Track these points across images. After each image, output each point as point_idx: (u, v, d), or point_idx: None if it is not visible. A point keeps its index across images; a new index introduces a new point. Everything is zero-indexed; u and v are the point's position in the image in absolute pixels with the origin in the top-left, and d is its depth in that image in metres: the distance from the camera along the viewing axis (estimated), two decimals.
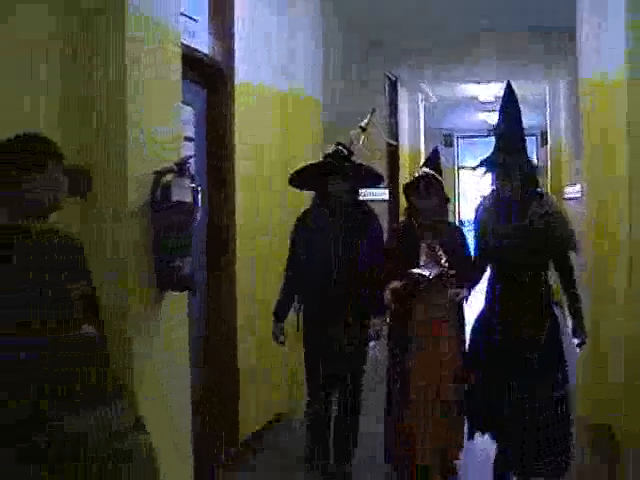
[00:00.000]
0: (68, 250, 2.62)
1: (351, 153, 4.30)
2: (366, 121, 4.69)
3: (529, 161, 3.90)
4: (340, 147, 4.29)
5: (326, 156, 4.37)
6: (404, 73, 10.97)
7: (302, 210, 4.57)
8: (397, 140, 11.34)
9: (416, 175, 4.28)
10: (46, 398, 2.35)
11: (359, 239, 4.22)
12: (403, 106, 11.74)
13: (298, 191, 4.75)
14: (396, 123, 11.29)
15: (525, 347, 3.78)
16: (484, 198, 4.09)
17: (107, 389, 2.51)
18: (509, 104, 3.89)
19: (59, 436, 2.32)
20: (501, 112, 3.93)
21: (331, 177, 4.24)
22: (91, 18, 3.14)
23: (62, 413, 2.36)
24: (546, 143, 13.60)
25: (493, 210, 3.91)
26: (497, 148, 3.87)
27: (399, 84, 11.24)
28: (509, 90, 3.92)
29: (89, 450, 2.36)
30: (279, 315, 4.43)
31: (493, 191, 3.95)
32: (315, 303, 4.33)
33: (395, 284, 4.04)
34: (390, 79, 10.65)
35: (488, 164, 3.93)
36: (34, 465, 2.28)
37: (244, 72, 4.89)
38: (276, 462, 4.81)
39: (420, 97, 12.95)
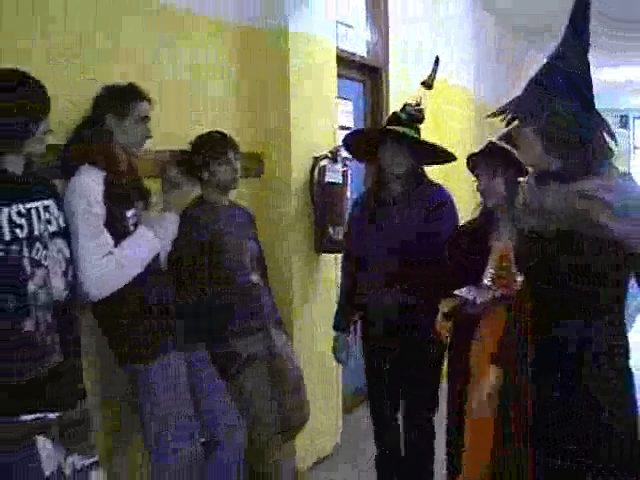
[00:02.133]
0: (244, 217, 3.46)
1: (416, 116, 3.45)
2: (430, 75, 3.65)
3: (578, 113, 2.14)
4: (399, 111, 3.47)
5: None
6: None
7: None
8: None
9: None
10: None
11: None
12: None
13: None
14: None
15: None
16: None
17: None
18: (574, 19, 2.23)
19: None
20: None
21: (381, 146, 3.44)
22: (258, 34, 3.97)
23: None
24: None
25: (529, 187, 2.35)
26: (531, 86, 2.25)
27: None
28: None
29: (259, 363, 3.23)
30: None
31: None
32: None
33: (446, 304, 3.20)
34: None
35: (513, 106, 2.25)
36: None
37: (397, 67, 5.55)
38: None
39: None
